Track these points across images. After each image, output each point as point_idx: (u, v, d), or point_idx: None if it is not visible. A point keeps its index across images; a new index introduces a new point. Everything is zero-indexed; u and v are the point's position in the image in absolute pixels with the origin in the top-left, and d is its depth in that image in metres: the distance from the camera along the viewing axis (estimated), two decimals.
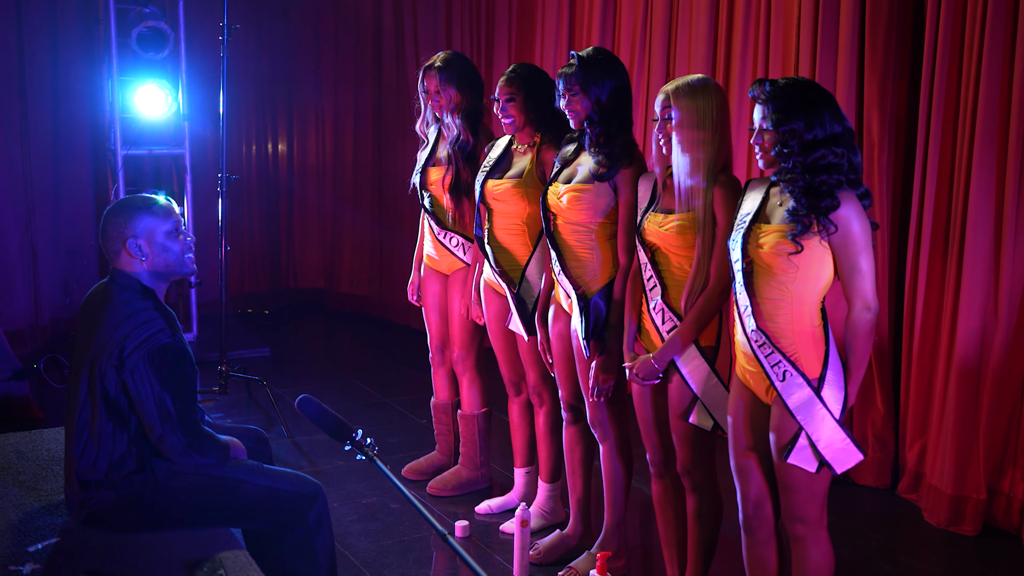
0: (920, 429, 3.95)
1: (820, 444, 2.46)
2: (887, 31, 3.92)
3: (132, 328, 2.53)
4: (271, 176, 7.49)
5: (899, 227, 4.08)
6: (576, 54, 3.10)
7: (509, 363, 3.75)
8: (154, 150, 6.05)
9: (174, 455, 2.59)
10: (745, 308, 2.52)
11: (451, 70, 3.77)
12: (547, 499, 3.72)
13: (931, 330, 3.88)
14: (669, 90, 2.78)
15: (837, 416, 2.47)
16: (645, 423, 3.03)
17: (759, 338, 2.50)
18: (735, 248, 2.55)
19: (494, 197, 3.53)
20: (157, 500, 2.61)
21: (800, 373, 2.46)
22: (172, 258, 2.66)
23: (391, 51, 6.92)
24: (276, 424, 4.80)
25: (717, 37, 4.64)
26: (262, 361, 5.96)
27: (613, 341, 3.07)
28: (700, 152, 2.74)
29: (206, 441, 2.64)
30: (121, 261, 2.64)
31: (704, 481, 2.93)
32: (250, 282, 7.40)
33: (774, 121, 2.44)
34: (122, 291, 2.61)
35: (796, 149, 2.41)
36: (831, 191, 2.40)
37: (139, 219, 2.63)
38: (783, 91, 2.45)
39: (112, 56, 5.78)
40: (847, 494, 4.02)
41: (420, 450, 4.41)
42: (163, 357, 2.53)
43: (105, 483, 2.58)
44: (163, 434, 2.56)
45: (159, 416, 2.54)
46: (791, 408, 2.46)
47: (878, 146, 3.99)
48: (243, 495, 2.67)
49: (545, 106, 3.41)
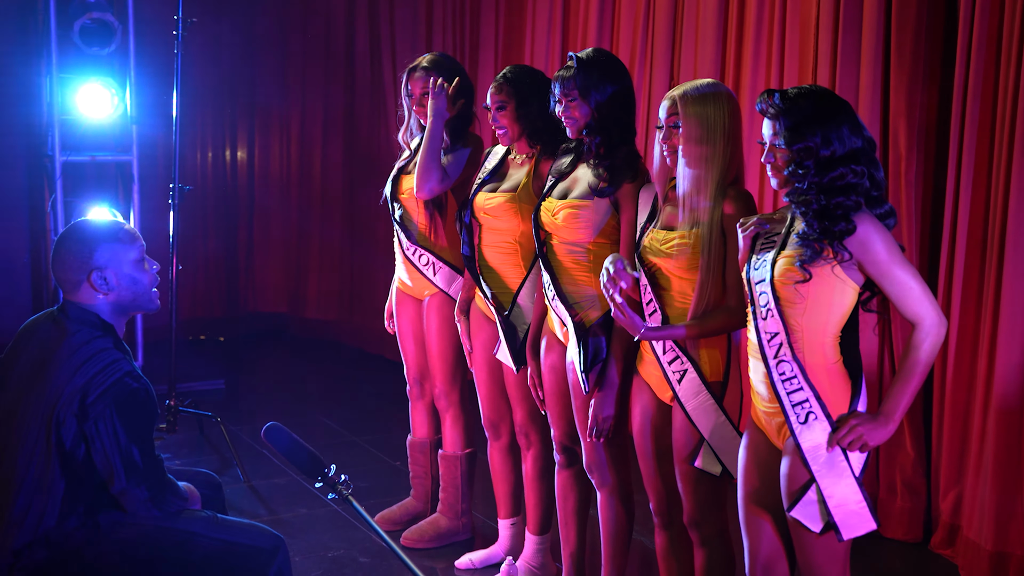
0: (955, 475, 3.94)
1: (831, 501, 2.43)
2: (916, 32, 3.94)
3: (96, 372, 2.52)
4: (229, 187, 7.49)
5: (929, 248, 4.09)
6: (575, 55, 3.11)
7: (491, 401, 3.72)
8: (97, 156, 6.03)
9: (135, 508, 2.59)
10: (774, 335, 2.49)
11: (439, 71, 3.78)
12: (535, 553, 3.69)
13: (966, 363, 3.87)
14: (675, 95, 2.78)
15: (858, 472, 2.44)
16: (648, 467, 3.01)
17: (788, 370, 2.47)
18: (761, 268, 2.52)
19: (485, 212, 3.52)
20: (98, 555, 2.58)
21: (827, 416, 2.43)
22: (140, 291, 2.67)
23: (364, 50, 6.94)
24: (231, 466, 4.76)
25: (727, 38, 4.66)
26: (216, 395, 5.93)
27: (615, 374, 3.06)
28: (708, 165, 2.74)
29: (169, 493, 2.64)
30: (80, 294, 2.62)
31: (713, 533, 2.90)
32: (203, 305, 7.39)
33: (787, 139, 2.43)
34: (79, 327, 2.59)
35: (812, 169, 2.41)
36: (847, 214, 2.39)
37: (105, 247, 2.62)
38: (795, 104, 2.44)
39: (51, 51, 5.77)
40: (874, 549, 3.99)
41: (394, 495, 4.38)
42: (132, 404, 2.53)
43: (39, 541, 2.55)
44: (127, 488, 2.55)
45: (124, 469, 2.54)
46: (806, 455, 2.43)
47: (905, 159, 4.00)
48: (195, 549, 2.64)
49: (542, 114, 3.40)
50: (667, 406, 2.92)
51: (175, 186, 4.96)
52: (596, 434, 3.09)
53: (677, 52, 4.91)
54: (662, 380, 2.88)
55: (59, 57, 5.78)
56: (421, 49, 6.13)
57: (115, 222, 2.71)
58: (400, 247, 3.97)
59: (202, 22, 5.58)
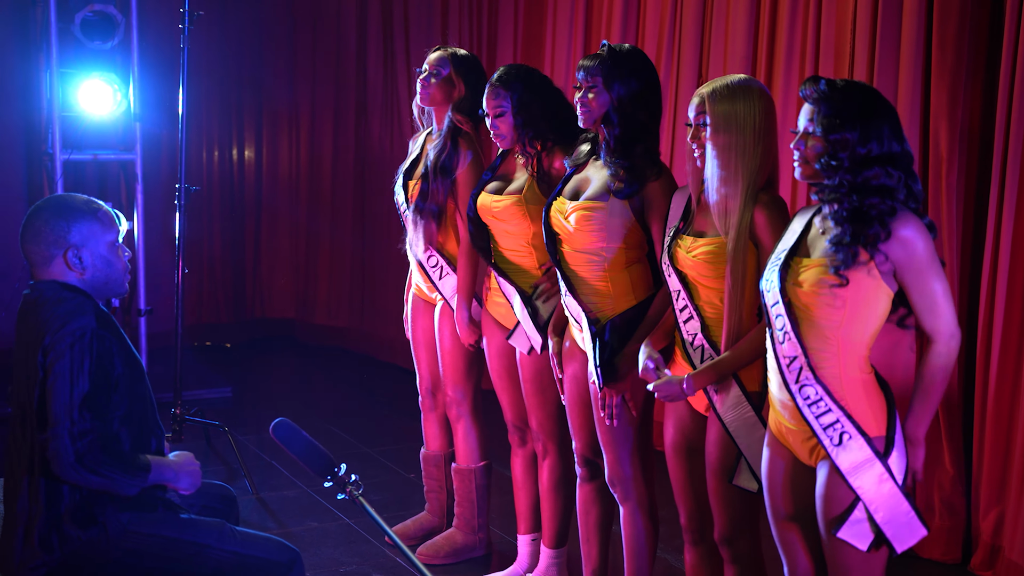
0: (997, 494, 3.92)
1: (879, 516, 2.42)
2: (959, 27, 3.91)
3: (56, 317, 2.54)
4: (236, 187, 7.52)
5: (971, 258, 4.07)
6: (608, 43, 3.09)
7: (513, 404, 3.72)
8: (99, 155, 6.06)
9: (58, 465, 2.49)
10: (792, 360, 2.49)
11: (465, 59, 3.79)
12: (550, 567, 3.69)
13: (1009, 377, 3.85)
14: (704, 92, 2.77)
15: (900, 482, 2.44)
16: (679, 481, 3.00)
17: (813, 394, 2.46)
18: (771, 290, 2.51)
19: (493, 215, 3.52)
20: (105, 564, 2.59)
21: (861, 433, 2.43)
22: (114, 275, 2.70)
23: (378, 45, 6.96)
24: (239, 477, 4.78)
25: (758, 34, 4.65)
26: (223, 403, 5.96)
27: (627, 367, 3.04)
28: (737, 167, 2.72)
29: (108, 459, 2.53)
30: (51, 270, 2.65)
31: (746, 550, 2.89)
32: (210, 311, 7.41)
33: (824, 126, 2.41)
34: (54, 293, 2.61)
35: (846, 163, 2.39)
36: (882, 217, 2.38)
37: (83, 225, 2.65)
38: (840, 93, 2.43)
39: (51, 45, 5.77)
40: (911, 570, 3.98)
41: (408, 509, 4.39)
42: (79, 339, 2.52)
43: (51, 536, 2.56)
44: (55, 435, 2.49)
45: (55, 409, 2.48)
46: (846, 474, 2.43)
47: (947, 162, 3.98)
48: (207, 562, 2.64)
49: (545, 113, 3.39)
50: (702, 417, 2.91)
51: (181, 186, 4.97)
52: (612, 416, 3.08)
53: (706, 48, 4.90)
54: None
55: (59, 51, 5.79)
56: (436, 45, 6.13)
57: (92, 200, 2.72)
58: (411, 251, 3.98)
59: (208, 16, 5.61)
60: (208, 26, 6.72)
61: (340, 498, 2.48)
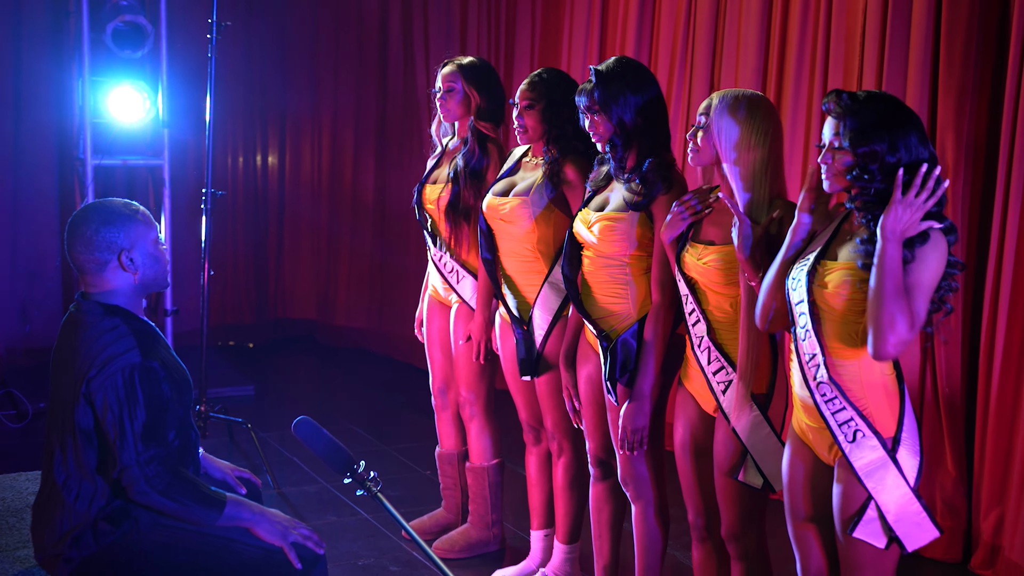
0: (998, 494, 3.94)
1: (891, 516, 2.45)
2: (966, 41, 3.94)
3: (98, 349, 2.60)
4: (260, 192, 7.58)
5: (976, 262, 4.10)
6: (594, 69, 3.11)
7: (528, 405, 3.77)
8: (129, 160, 6.13)
9: (133, 492, 2.59)
10: (811, 357, 2.52)
11: (474, 68, 3.85)
12: (564, 562, 3.73)
13: (1011, 378, 3.88)
14: (714, 96, 2.82)
15: (912, 483, 2.47)
16: (687, 480, 3.05)
17: (829, 391, 2.49)
18: (797, 288, 2.54)
19: (499, 217, 3.56)
20: (136, 555, 2.64)
21: (875, 432, 2.46)
22: (160, 270, 2.76)
23: (398, 54, 7.02)
24: (260, 473, 4.83)
25: (769, 45, 4.69)
26: (245, 401, 6.02)
27: (646, 385, 3.10)
28: (741, 178, 2.77)
29: (178, 483, 2.62)
30: (105, 275, 2.69)
31: (751, 547, 2.93)
32: (233, 311, 7.47)
33: (852, 140, 2.40)
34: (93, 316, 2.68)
35: (877, 176, 2.39)
36: (911, 242, 2.38)
37: (130, 228, 2.70)
38: (864, 106, 2.42)
39: (84, 54, 5.85)
40: (912, 569, 4.01)
41: (424, 506, 4.44)
42: (129, 378, 2.58)
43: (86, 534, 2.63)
44: (125, 466, 2.58)
45: (120, 445, 2.57)
46: (859, 473, 2.46)
47: (953, 172, 4.00)
48: (234, 556, 2.68)
49: (568, 120, 3.43)
50: (710, 417, 2.96)
51: (207, 191, 5.02)
52: (628, 447, 3.13)
53: (718, 57, 4.93)
54: (707, 390, 2.92)
55: (91, 60, 5.86)
56: (455, 52, 6.21)
57: (129, 203, 2.78)
58: (430, 254, 4.06)
59: (235, 26, 5.67)
60: (234, 36, 6.83)
61: (359, 494, 2.51)
